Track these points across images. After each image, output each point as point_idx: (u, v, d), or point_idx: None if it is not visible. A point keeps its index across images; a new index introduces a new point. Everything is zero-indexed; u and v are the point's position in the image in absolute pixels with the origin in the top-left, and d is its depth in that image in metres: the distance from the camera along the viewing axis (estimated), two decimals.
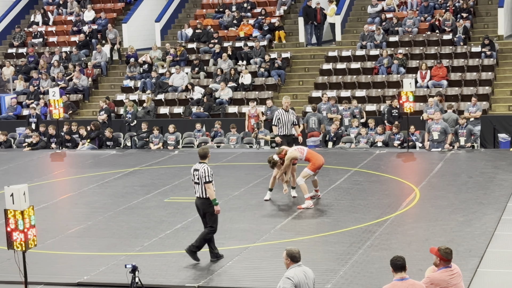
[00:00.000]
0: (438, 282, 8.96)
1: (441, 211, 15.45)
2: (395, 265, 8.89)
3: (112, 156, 23.29)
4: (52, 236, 14.93)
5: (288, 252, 9.11)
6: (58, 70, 31.25)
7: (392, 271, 8.92)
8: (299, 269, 9.01)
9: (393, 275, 8.92)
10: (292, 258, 9.07)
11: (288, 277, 8.92)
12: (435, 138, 21.65)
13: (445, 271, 9.06)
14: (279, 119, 18.58)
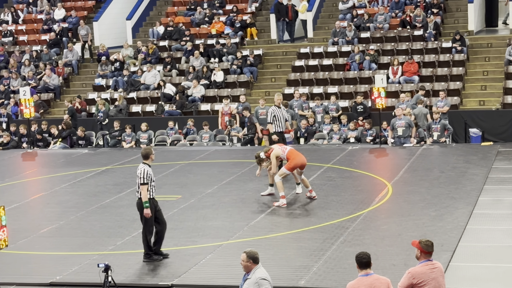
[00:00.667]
0: (419, 275, 8.99)
1: (414, 206, 15.53)
2: (361, 262, 8.96)
3: (84, 155, 23.16)
4: (24, 236, 14.82)
5: (250, 254, 9.00)
6: (29, 69, 31.03)
7: (357, 267, 8.98)
8: (264, 270, 8.91)
9: (358, 271, 8.98)
10: (254, 260, 8.99)
11: (263, 278, 8.85)
12: (400, 134, 21.75)
13: (426, 264, 9.09)
14: (275, 116, 18.53)
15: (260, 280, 8.84)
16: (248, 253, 9.01)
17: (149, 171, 13.00)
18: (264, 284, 8.82)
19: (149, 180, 12.95)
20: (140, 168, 13.01)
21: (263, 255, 12.90)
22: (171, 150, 23.32)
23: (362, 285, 8.80)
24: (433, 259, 9.13)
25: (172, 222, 15.37)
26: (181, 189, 17.88)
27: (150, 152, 13.26)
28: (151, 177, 13.02)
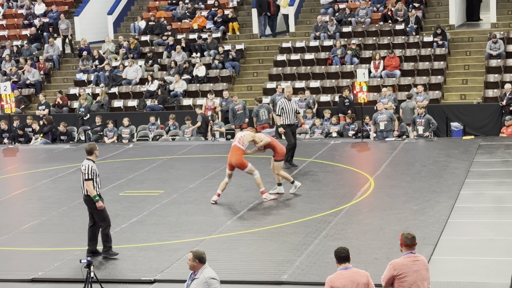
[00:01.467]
0: (400, 267, 9.02)
1: (395, 200, 15.58)
2: (339, 257, 9.00)
3: (66, 151, 23.07)
4: (5, 232, 14.75)
5: (196, 254, 8.95)
6: (10, 64, 30.84)
7: (336, 262, 9.01)
8: (211, 270, 8.92)
9: (337, 266, 9.01)
10: (200, 260, 8.93)
11: (212, 277, 8.82)
12: (382, 128, 21.82)
13: (408, 256, 9.13)
14: (283, 108, 18.44)
15: (210, 279, 8.77)
16: (195, 252, 8.94)
17: (94, 167, 12.98)
18: (214, 283, 8.76)
19: (94, 176, 12.91)
20: (84, 164, 13.01)
21: (245, 250, 13.00)
22: (153, 145, 23.29)
23: (342, 278, 8.84)
24: (416, 253, 9.17)
25: (154, 217, 15.37)
26: (164, 184, 17.85)
27: (94, 148, 13.23)
28: (96, 172, 12.98)
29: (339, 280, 8.83)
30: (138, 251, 13.25)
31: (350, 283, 8.81)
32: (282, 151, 16.33)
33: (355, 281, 8.84)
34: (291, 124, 18.62)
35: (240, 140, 16.03)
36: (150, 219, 15.29)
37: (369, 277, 8.98)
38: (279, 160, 16.27)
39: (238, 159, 15.87)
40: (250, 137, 16.16)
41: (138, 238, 14.04)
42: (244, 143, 16.01)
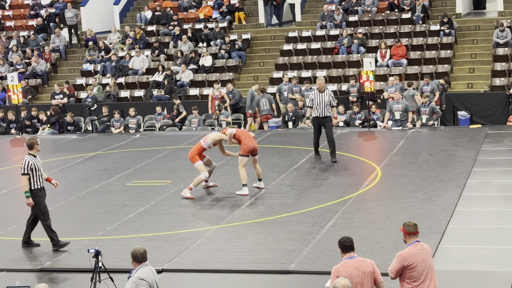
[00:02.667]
0: (410, 257, 9.02)
1: (402, 189, 15.58)
2: (344, 246, 9.00)
3: (73, 141, 23.12)
4: (13, 222, 14.80)
5: (131, 252, 8.92)
6: (16, 54, 30.87)
7: (341, 252, 9.01)
8: (148, 269, 8.88)
9: (342, 255, 9.01)
10: (134, 258, 8.88)
11: (142, 278, 8.75)
12: (397, 118, 21.82)
13: (415, 245, 9.12)
14: (313, 100, 18.15)
15: (138, 280, 8.70)
16: (132, 251, 8.89)
17: (32, 162, 13.01)
18: (141, 284, 8.67)
19: (31, 171, 12.95)
20: (24, 159, 13.05)
21: (253, 239, 13.02)
22: (160, 135, 23.31)
23: (347, 267, 8.84)
24: (422, 241, 9.18)
25: (161, 207, 15.41)
26: (171, 174, 17.88)
27: (35, 142, 13.28)
28: (36, 167, 13.02)
29: (345, 270, 8.83)
30: (146, 241, 13.27)
31: (356, 272, 8.82)
32: (247, 146, 15.93)
33: (360, 269, 8.85)
34: (322, 117, 18.08)
35: (205, 138, 16.24)
36: (158, 209, 15.33)
37: (374, 265, 8.99)
38: (241, 155, 16.02)
39: (191, 152, 16.16)
40: (217, 136, 16.26)
41: (146, 228, 14.08)
42: (206, 141, 16.17)
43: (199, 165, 16.10)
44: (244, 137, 16.11)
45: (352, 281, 8.77)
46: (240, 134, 16.18)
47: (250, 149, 16.01)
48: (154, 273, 8.96)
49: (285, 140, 21.18)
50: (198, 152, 16.16)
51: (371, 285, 8.90)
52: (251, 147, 16.01)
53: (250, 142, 16.06)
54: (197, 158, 16.09)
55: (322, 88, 18.15)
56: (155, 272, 8.99)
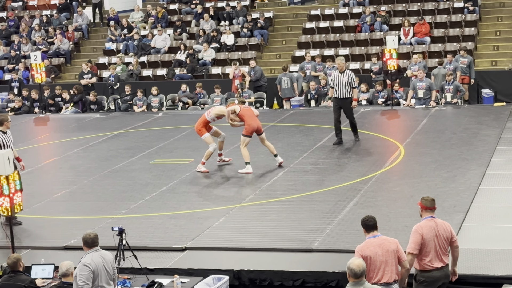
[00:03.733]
0: (427, 231, 9.03)
1: (426, 168, 15.51)
2: (367, 225, 9.02)
3: (96, 120, 23.20)
4: (37, 200, 14.91)
5: (82, 237, 9.12)
6: (39, 34, 30.97)
7: (364, 231, 9.04)
8: (96, 254, 9.03)
9: (365, 235, 9.02)
10: (84, 243, 9.06)
11: (84, 264, 8.92)
12: (420, 96, 21.69)
13: (429, 220, 9.16)
14: (332, 80, 17.78)
15: (81, 265, 9.01)
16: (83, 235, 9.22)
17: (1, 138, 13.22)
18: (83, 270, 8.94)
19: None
20: None
21: (276, 218, 13.05)
22: (183, 114, 23.33)
23: (371, 246, 8.85)
24: (445, 220, 9.19)
25: (184, 186, 15.45)
26: (193, 152, 17.90)
27: (5, 119, 13.41)
28: (4, 143, 13.24)
29: (369, 248, 8.84)
30: (169, 219, 13.34)
31: (380, 250, 8.83)
32: (250, 126, 15.91)
33: (384, 248, 8.86)
34: (341, 98, 17.57)
35: (209, 111, 16.39)
36: (180, 187, 15.38)
37: (398, 244, 9.00)
38: (243, 135, 16.02)
39: (197, 125, 16.32)
40: (219, 111, 16.35)
41: (169, 206, 14.14)
42: (210, 114, 16.27)
43: (207, 137, 16.23)
44: (248, 117, 16.04)
45: (377, 260, 8.80)
46: (244, 114, 16.10)
47: (253, 129, 15.98)
48: (105, 257, 9.12)
49: (308, 118, 21.14)
50: (204, 125, 16.24)
51: (395, 263, 8.92)
52: (254, 128, 15.97)
53: (254, 122, 16.00)
54: (204, 130, 16.22)
55: (342, 69, 17.61)
56: (107, 256, 9.15)
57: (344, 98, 17.57)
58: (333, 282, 10.53)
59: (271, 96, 25.47)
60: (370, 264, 8.71)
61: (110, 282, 9.21)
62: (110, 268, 9.19)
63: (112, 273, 9.23)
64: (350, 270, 8.05)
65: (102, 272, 9.05)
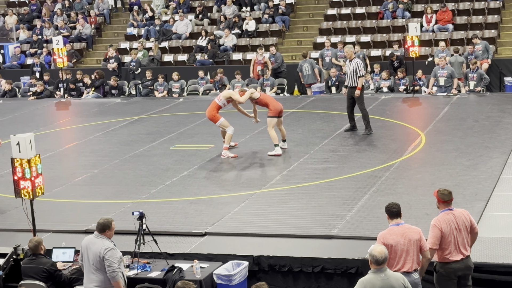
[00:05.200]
0: (445, 225, 9.00)
1: (447, 156, 15.44)
2: (391, 212, 9.00)
3: (117, 104, 23.27)
4: (59, 184, 15.00)
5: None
6: (61, 18, 31.06)
7: (388, 218, 9.02)
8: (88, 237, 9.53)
9: (389, 221, 9.00)
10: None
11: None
12: (442, 84, 21.57)
13: (447, 213, 9.13)
14: (342, 68, 17.91)
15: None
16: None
17: None
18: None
19: None
20: None
21: (296, 204, 13.05)
22: (203, 100, 23.33)
23: (394, 234, 8.83)
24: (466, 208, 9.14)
25: (205, 171, 15.49)
26: (214, 138, 17.91)
27: None
28: None
29: (392, 237, 8.82)
30: (189, 204, 13.37)
31: (403, 239, 8.79)
32: (275, 107, 16.16)
33: (407, 237, 8.83)
34: (350, 86, 17.47)
35: (219, 96, 16.47)
36: (201, 173, 15.41)
37: (421, 233, 8.97)
38: (270, 116, 16.22)
39: (209, 111, 16.35)
40: (227, 94, 16.48)
41: (189, 192, 14.17)
42: (220, 99, 16.35)
43: (223, 122, 16.33)
44: (270, 100, 16.43)
45: (398, 248, 8.78)
46: (265, 97, 16.52)
47: (278, 111, 16.25)
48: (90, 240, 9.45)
49: (328, 105, 21.09)
50: (217, 110, 16.36)
51: (417, 253, 8.89)
52: (278, 109, 16.25)
53: (277, 104, 16.32)
54: (218, 115, 16.33)
55: (351, 57, 17.48)
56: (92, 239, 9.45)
57: (353, 87, 17.45)
58: (353, 269, 10.52)
59: (292, 83, 25.42)
60: (391, 253, 8.70)
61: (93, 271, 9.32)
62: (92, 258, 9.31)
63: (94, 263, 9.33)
64: (372, 256, 8.05)
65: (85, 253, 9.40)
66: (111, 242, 9.42)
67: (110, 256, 9.21)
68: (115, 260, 9.21)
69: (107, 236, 9.42)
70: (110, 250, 9.25)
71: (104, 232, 9.40)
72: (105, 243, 9.31)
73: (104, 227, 9.40)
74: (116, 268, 9.19)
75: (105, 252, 9.23)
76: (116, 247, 9.46)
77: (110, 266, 9.19)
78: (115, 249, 9.32)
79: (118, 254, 9.32)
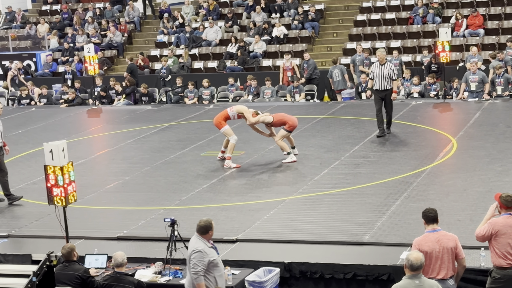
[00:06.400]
0: (499, 227, 8.88)
1: (479, 161, 15.34)
2: (427, 217, 8.92)
3: (148, 112, 23.39)
4: (91, 191, 15.10)
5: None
6: (92, 26, 31.31)
7: (424, 223, 8.95)
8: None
9: (425, 227, 8.94)
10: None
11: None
12: (473, 89, 21.44)
13: (508, 217, 9.01)
14: (372, 71, 17.83)
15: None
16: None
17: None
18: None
19: None
20: None
21: (326, 211, 13.03)
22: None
23: (430, 241, 8.76)
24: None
25: (235, 178, 15.52)
26: (244, 145, 17.94)
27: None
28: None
29: (427, 244, 8.73)
30: (220, 211, 13.40)
31: (438, 246, 8.71)
32: (293, 123, 16.27)
33: (442, 244, 8.74)
34: (381, 89, 17.61)
35: (232, 108, 16.63)
36: (231, 179, 15.44)
37: (457, 240, 8.89)
38: (286, 130, 16.28)
39: (217, 118, 16.46)
40: (242, 110, 16.55)
41: (220, 198, 14.20)
42: (233, 110, 16.49)
43: (227, 130, 16.36)
44: (286, 116, 16.43)
45: (433, 255, 8.71)
46: (280, 118, 16.45)
47: (295, 126, 16.40)
48: (191, 240, 9.49)
49: (359, 111, 21.04)
50: (225, 119, 16.40)
51: (452, 261, 8.81)
52: (295, 124, 16.37)
53: (294, 120, 16.40)
54: (224, 123, 16.36)
55: (383, 61, 17.65)
56: (192, 239, 9.49)
57: (385, 90, 17.65)
58: (385, 275, 10.48)
59: (322, 89, 25.40)
60: (426, 259, 8.63)
61: (188, 271, 9.46)
62: (187, 258, 9.41)
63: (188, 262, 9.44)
64: (408, 261, 8.03)
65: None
66: (207, 245, 9.38)
67: (194, 257, 9.25)
68: (199, 263, 9.22)
69: (208, 237, 9.43)
70: (197, 252, 9.27)
71: (205, 234, 9.43)
72: (198, 245, 9.33)
73: (207, 229, 9.42)
74: (198, 270, 9.20)
75: (192, 253, 9.30)
76: (213, 250, 9.42)
77: (193, 268, 9.25)
78: (203, 252, 9.28)
79: (206, 258, 9.26)
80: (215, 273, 9.35)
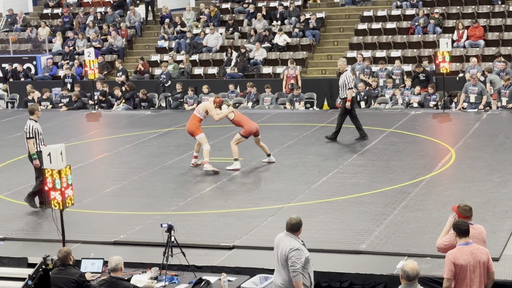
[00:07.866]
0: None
1: (477, 172, 15.33)
2: (460, 230, 8.73)
3: (147, 117, 23.39)
4: (88, 195, 15.08)
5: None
6: (93, 30, 31.32)
7: (456, 235, 8.77)
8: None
9: (456, 239, 8.78)
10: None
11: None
12: (472, 101, 21.45)
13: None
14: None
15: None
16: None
17: (35, 126, 13.93)
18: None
19: (35, 134, 13.84)
20: (26, 124, 13.94)
21: (324, 219, 13.02)
22: None
23: (465, 255, 8.61)
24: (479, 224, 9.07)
25: (233, 184, 15.52)
26: (242, 151, 17.89)
27: (36, 109, 14.18)
28: (38, 131, 13.91)
29: (463, 257, 8.59)
30: (217, 217, 13.39)
31: (472, 260, 8.60)
32: (249, 128, 16.37)
33: (476, 258, 8.63)
34: (341, 98, 18.30)
35: (197, 109, 16.74)
36: (230, 185, 15.43)
37: (489, 254, 8.79)
38: (241, 135, 16.43)
39: (190, 125, 16.58)
40: (205, 106, 16.73)
41: (218, 205, 14.19)
42: (200, 112, 16.62)
43: (202, 138, 16.55)
44: (246, 121, 16.57)
45: (467, 269, 8.58)
46: (240, 119, 16.60)
47: (252, 132, 16.49)
48: (281, 237, 9.58)
49: None
50: (199, 124, 16.61)
51: (484, 274, 8.70)
52: (253, 130, 16.46)
53: (252, 125, 16.52)
54: (200, 130, 16.56)
55: (342, 69, 18.21)
56: (282, 236, 9.57)
57: (343, 98, 18.13)
58: (381, 285, 10.47)
59: (321, 97, 25.40)
60: (460, 273, 8.52)
61: (280, 268, 9.46)
62: (280, 255, 9.43)
63: (281, 261, 9.44)
64: (403, 272, 7.99)
65: (275, 251, 9.53)
66: (300, 242, 9.44)
67: (293, 255, 9.27)
68: (298, 260, 9.26)
69: (298, 234, 9.51)
70: (295, 250, 9.30)
71: (297, 232, 9.51)
72: (292, 242, 9.38)
73: (298, 226, 9.52)
74: (298, 268, 9.23)
75: (290, 251, 9.31)
76: (304, 247, 9.45)
77: (292, 266, 9.27)
78: (300, 250, 9.33)
79: (303, 255, 9.33)
80: (309, 269, 9.43)
